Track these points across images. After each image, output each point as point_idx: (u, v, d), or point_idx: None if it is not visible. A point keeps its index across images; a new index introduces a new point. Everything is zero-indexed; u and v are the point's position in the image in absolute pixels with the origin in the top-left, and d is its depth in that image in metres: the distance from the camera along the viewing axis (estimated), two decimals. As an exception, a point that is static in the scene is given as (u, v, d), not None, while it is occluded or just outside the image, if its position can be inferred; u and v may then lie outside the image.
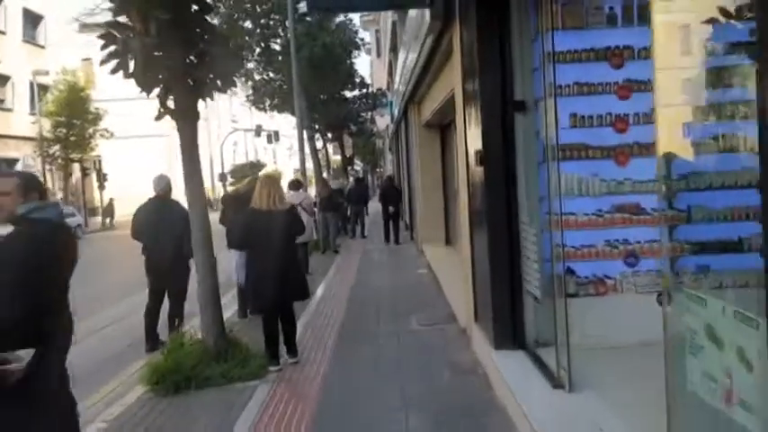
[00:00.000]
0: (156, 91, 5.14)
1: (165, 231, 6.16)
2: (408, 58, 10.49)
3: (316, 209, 14.79)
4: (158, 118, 5.30)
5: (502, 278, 4.57)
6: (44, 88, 28.42)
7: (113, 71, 4.80)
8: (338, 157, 31.09)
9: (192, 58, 5.09)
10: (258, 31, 14.09)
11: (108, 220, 31.89)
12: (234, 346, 5.41)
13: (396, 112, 17.25)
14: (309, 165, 21.00)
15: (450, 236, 11.83)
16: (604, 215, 4.57)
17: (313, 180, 33.51)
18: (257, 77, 17.24)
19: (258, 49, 14.54)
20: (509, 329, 4.58)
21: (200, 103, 5.36)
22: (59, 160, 28.56)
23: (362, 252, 13.58)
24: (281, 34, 14.04)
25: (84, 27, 43.67)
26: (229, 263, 6.86)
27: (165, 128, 45.92)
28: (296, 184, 11.12)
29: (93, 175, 33.92)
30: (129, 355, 6.21)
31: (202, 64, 5.12)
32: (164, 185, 6.38)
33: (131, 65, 4.91)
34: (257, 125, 43.38)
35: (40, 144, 27.33)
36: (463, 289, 6.07)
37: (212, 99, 5.40)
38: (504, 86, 4.48)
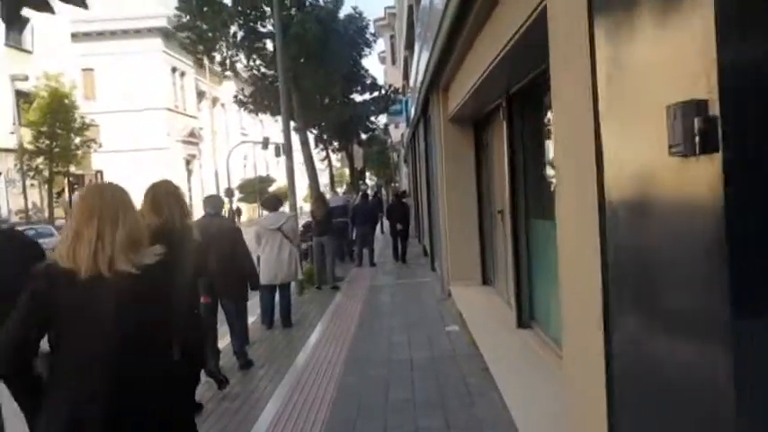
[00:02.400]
0: None
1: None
2: (433, 7, 7.47)
3: (310, 233, 11.78)
4: None
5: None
6: (24, 95, 25.83)
7: None
8: (347, 171, 28.05)
9: None
10: (239, 8, 11.08)
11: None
12: None
13: (412, 112, 14.19)
14: (323, 179, 17.84)
15: (488, 273, 8.66)
16: None
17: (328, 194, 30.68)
18: (244, 73, 14.36)
19: (241, 33, 11.53)
20: None
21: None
22: (43, 174, 25.81)
23: (369, 289, 10.45)
24: (269, 15, 11.05)
25: (80, 36, 41.62)
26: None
27: (166, 141, 43.80)
28: (272, 203, 8.07)
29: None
30: None
31: None
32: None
33: None
34: (264, 137, 40.92)
35: (20, 156, 24.66)
36: (564, 419, 2.92)
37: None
38: None
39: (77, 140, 26.35)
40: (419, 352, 6.08)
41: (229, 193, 43.48)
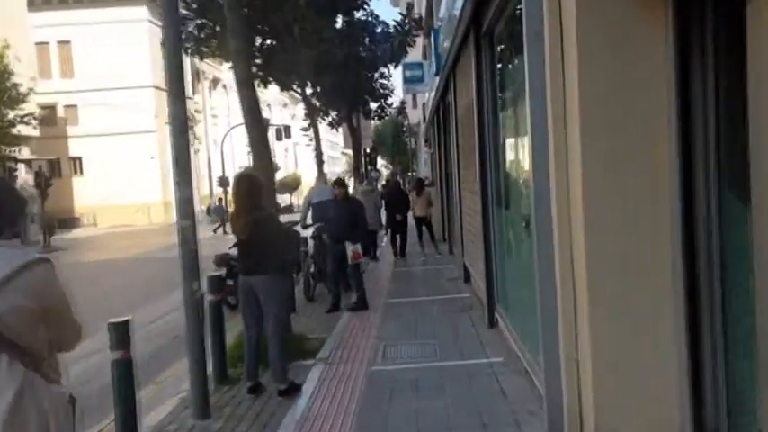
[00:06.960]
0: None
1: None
2: None
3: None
4: None
5: None
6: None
7: None
8: (350, 152, 22.04)
9: None
10: None
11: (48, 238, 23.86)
12: None
13: (450, 41, 8.18)
14: (331, 167, 11.64)
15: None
16: None
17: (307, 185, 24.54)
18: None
19: None
20: None
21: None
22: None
23: (364, 392, 4.62)
24: None
25: (54, 3, 35.89)
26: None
27: (154, 124, 38.03)
28: None
29: (39, 179, 25.97)
30: None
31: None
32: None
33: None
34: (264, 119, 35.24)
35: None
36: None
37: None
38: None
39: (11, 116, 20.83)
40: None
41: (223, 182, 37.89)
